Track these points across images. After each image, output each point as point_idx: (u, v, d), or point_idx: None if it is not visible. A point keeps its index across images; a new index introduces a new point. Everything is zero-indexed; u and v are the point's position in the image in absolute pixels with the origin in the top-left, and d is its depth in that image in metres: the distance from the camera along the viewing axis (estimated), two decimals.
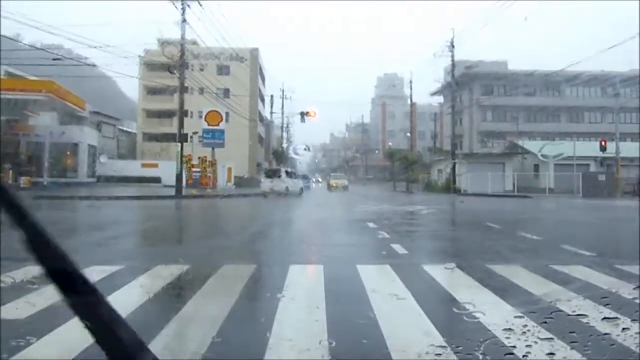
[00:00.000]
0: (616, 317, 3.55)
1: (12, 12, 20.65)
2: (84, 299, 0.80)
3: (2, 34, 20.26)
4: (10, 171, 25.54)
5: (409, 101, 53.30)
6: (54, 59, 23.92)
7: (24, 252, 0.80)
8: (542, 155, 33.26)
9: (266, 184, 26.33)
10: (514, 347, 3.03)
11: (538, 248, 8.27)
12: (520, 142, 38.89)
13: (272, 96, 49.46)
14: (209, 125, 29.34)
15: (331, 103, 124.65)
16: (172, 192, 23.40)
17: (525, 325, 3.40)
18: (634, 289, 4.68)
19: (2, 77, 25.49)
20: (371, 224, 11.55)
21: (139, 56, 33.61)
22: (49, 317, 3.71)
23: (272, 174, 27.67)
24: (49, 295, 4.29)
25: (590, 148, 32.73)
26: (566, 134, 42.04)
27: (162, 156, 40.38)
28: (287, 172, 28.74)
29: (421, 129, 61.01)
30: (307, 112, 41.36)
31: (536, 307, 4.06)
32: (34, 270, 5.39)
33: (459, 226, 13.68)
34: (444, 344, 3.15)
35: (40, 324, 3.51)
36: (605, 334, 3.24)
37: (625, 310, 3.74)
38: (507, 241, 9.15)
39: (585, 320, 3.54)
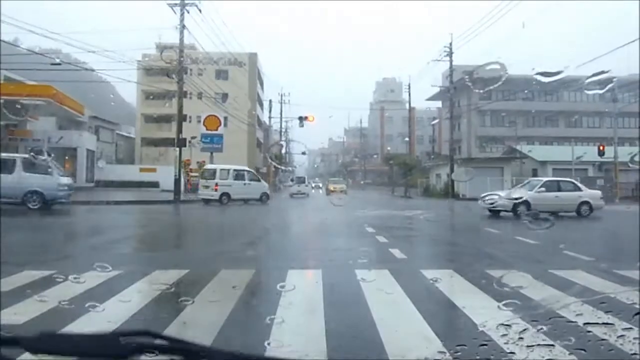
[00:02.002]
0: (615, 322, 3.55)
1: (11, 17, 20.71)
2: None
3: (0, 38, 20.29)
4: None
5: (407, 106, 53.38)
6: (53, 64, 23.93)
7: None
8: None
9: (294, 187, 34.23)
10: (513, 352, 3.02)
11: (537, 253, 8.27)
12: (518, 147, 38.96)
13: (270, 101, 49.51)
14: (207, 130, 29.36)
15: (330, 108, 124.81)
16: (171, 196, 23.38)
17: (524, 331, 3.39)
18: (633, 292, 4.68)
19: (0, 81, 25.48)
20: (370, 229, 11.54)
21: (138, 61, 33.68)
22: (47, 322, 3.70)
23: (298, 180, 36.42)
24: (47, 300, 4.29)
25: (588, 152, 32.80)
26: (564, 138, 42.11)
27: (160, 161, 40.33)
28: (308, 180, 40.10)
29: (420, 133, 61.11)
30: (306, 117, 41.34)
31: (535, 312, 4.06)
32: (33, 275, 5.38)
33: (458, 231, 13.69)
34: (443, 349, 3.15)
35: (38, 329, 3.49)
36: (604, 339, 3.24)
37: (624, 314, 3.74)
38: (506, 246, 9.15)
39: (584, 325, 3.54)
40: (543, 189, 16.54)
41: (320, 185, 48.43)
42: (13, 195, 15.36)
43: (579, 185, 17.47)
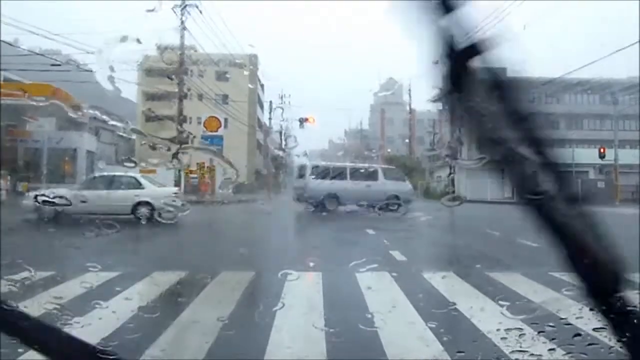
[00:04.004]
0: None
1: (12, 18, 20.73)
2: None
3: (1, 39, 20.32)
4: (9, 177, 25.49)
5: (407, 107, 53.45)
6: (53, 65, 23.98)
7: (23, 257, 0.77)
8: None
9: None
10: (513, 354, 3.01)
11: (537, 255, 8.24)
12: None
13: (271, 102, 49.52)
14: (207, 131, 29.41)
15: (330, 109, 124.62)
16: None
17: (524, 333, 3.38)
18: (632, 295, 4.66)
19: (0, 82, 25.51)
20: (370, 231, 11.53)
21: (138, 62, 33.68)
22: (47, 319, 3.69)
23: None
24: (47, 300, 4.28)
25: (589, 155, 32.81)
26: (565, 140, 42.16)
27: (162, 162, 40.36)
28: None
29: (420, 135, 61.12)
30: (306, 119, 41.38)
31: (535, 314, 4.04)
32: (32, 275, 5.37)
33: (458, 233, 13.66)
34: (443, 352, 3.14)
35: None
36: (604, 342, 3.23)
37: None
38: (506, 248, 9.14)
39: (584, 327, 3.53)
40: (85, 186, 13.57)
41: None
42: (376, 199, 17.81)
43: (141, 180, 14.00)
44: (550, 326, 3.48)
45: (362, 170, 19.24)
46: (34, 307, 3.59)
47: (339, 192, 17.93)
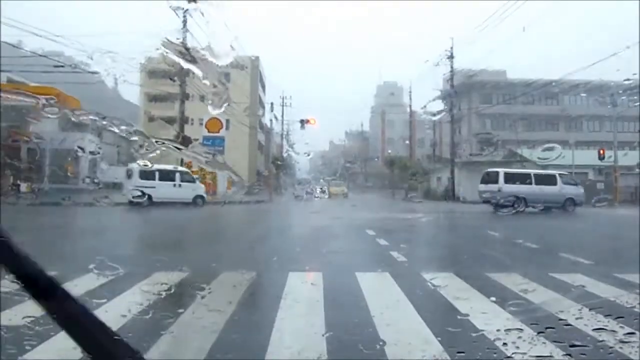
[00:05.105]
0: (615, 326, 3.56)
1: (15, 19, 20.80)
2: (58, 304, 0.73)
3: (3, 40, 20.38)
4: (11, 177, 25.57)
5: (408, 109, 53.41)
6: (56, 66, 24.02)
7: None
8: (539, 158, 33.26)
9: (298, 190, 39.35)
10: (512, 355, 3.03)
11: (536, 256, 8.28)
12: (519, 150, 38.99)
13: (272, 104, 49.52)
14: (209, 132, 29.43)
15: (331, 111, 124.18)
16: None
17: (524, 334, 3.41)
18: (633, 296, 4.68)
19: (3, 83, 25.56)
20: (370, 231, 11.54)
21: (140, 63, 33.70)
22: (47, 323, 3.71)
23: (304, 181, 43.89)
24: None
25: (588, 157, 32.83)
26: (565, 142, 42.13)
27: (162, 163, 40.34)
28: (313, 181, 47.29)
29: (420, 136, 61.09)
30: (307, 120, 41.40)
31: (535, 315, 4.07)
32: None
33: (458, 234, 13.67)
34: (443, 352, 3.16)
35: (38, 331, 3.51)
36: (604, 342, 3.25)
37: (624, 318, 3.74)
38: (506, 249, 9.15)
39: (583, 329, 3.55)
40: None
41: (326, 189, 47.19)
42: (556, 202, 20.60)
43: None
44: (550, 327, 3.50)
45: (543, 176, 21.63)
46: None
47: (526, 195, 20.09)
